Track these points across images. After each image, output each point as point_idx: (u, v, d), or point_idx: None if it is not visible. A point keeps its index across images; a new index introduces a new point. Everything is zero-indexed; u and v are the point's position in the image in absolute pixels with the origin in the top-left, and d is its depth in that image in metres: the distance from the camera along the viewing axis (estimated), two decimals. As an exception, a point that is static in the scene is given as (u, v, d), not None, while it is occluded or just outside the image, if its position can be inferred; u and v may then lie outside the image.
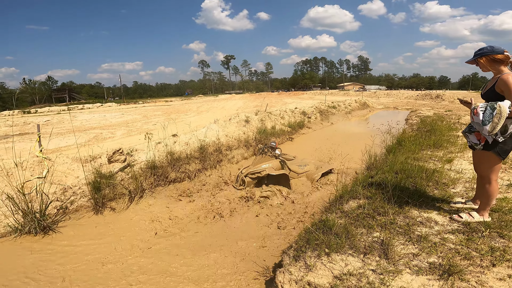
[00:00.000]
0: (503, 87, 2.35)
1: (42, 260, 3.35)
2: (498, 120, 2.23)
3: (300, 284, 2.18)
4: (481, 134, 2.45)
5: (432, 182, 3.81)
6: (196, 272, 3.00)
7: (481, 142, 2.50)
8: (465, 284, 1.99)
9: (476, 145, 2.54)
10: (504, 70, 2.44)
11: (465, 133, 2.65)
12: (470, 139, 2.60)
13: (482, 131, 2.36)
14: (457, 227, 2.69)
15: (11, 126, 20.33)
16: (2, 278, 3.01)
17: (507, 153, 2.50)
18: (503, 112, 2.23)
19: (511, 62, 2.44)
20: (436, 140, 6.79)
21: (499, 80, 2.40)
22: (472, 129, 2.58)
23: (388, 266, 2.20)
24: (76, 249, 3.60)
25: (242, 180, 5.54)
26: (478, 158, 2.65)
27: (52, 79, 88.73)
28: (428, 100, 29.72)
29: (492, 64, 2.48)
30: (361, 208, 3.10)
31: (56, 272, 3.10)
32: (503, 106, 2.23)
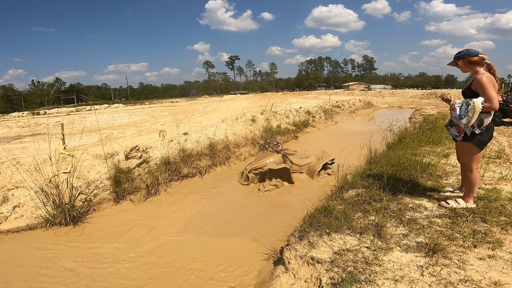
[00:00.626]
0: (477, 86, 2.72)
1: (82, 247, 3.77)
2: (472, 115, 2.61)
3: (304, 259, 2.54)
4: (459, 126, 2.80)
5: (426, 174, 4.14)
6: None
7: (461, 134, 2.85)
8: (448, 261, 2.28)
9: (457, 137, 2.90)
10: (480, 71, 2.79)
11: (447, 126, 3.00)
12: (451, 132, 2.95)
13: (460, 124, 2.72)
14: (444, 212, 3.02)
15: (22, 127, 21.04)
16: (57, 265, 3.42)
17: (484, 144, 2.84)
18: (476, 108, 2.59)
19: (486, 63, 2.79)
20: (436, 137, 7.07)
21: (474, 80, 2.76)
22: (452, 123, 2.93)
23: (381, 244, 2.55)
24: (106, 236, 4.01)
25: (246, 176, 5.91)
26: (460, 149, 3.00)
27: (60, 81, 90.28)
28: (433, 99, 29.74)
29: (468, 65, 2.83)
30: (359, 195, 3.46)
31: (100, 256, 3.52)
32: (477, 102, 2.60)
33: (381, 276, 2.11)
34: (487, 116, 2.72)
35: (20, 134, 16.43)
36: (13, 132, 18.14)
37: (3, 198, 4.69)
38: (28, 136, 15.24)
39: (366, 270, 2.19)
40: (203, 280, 2.96)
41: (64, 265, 3.32)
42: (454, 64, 2.96)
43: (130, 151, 6.15)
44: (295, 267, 2.52)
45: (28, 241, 3.94)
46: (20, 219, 4.41)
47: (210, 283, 2.91)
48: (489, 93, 2.62)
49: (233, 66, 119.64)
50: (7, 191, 4.81)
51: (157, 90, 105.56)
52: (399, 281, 2.06)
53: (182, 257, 3.38)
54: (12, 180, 5.05)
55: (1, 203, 4.61)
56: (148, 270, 3.17)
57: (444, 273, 2.12)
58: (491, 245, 2.45)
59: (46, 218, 4.30)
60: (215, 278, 2.98)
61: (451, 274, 2.12)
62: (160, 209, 4.87)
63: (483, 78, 2.68)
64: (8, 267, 3.35)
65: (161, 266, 3.23)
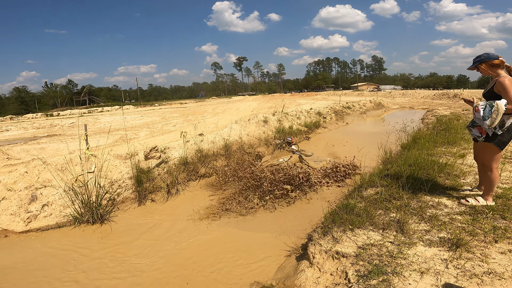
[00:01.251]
0: (500, 88, 2.79)
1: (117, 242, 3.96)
2: (496, 116, 2.69)
3: (329, 254, 2.65)
4: (482, 128, 2.88)
5: (443, 174, 4.19)
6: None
7: (483, 135, 2.93)
8: (471, 255, 2.37)
9: (479, 137, 2.98)
10: (501, 73, 2.88)
11: (469, 127, 3.09)
12: (473, 133, 3.03)
13: (483, 125, 2.80)
14: (464, 210, 3.09)
15: (38, 128, 21.69)
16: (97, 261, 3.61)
17: (505, 144, 2.92)
18: (500, 109, 2.67)
19: (506, 66, 2.87)
20: (451, 138, 7.07)
21: (496, 83, 2.83)
22: (474, 123, 3.01)
23: (404, 239, 2.64)
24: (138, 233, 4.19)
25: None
26: (480, 149, 3.07)
27: (72, 83, 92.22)
28: (445, 100, 29.34)
29: (490, 68, 2.92)
30: (378, 194, 3.55)
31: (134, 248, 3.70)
32: (500, 104, 2.68)
33: (407, 268, 2.21)
34: (509, 117, 2.80)
35: (36, 135, 16.97)
36: (28, 133, 18.75)
37: (31, 196, 4.92)
38: (44, 137, 15.74)
39: (391, 263, 2.29)
40: (225, 273, 3.10)
41: (98, 261, 3.50)
42: (474, 68, 3.06)
43: (149, 151, 6.35)
44: (320, 261, 2.63)
45: (60, 239, 4.13)
46: (49, 217, 4.62)
47: (233, 276, 3.04)
48: (511, 95, 2.70)
49: (241, 67, 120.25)
50: (35, 190, 5.05)
51: (166, 92, 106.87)
52: (425, 273, 2.15)
53: (205, 253, 3.53)
54: (40, 179, 5.29)
55: (30, 202, 4.83)
56: (176, 263, 3.32)
57: (468, 266, 2.20)
58: (511, 240, 2.51)
59: (75, 217, 4.49)
60: (238, 272, 3.11)
61: (474, 267, 2.20)
62: (181, 206, 5.04)
63: (505, 81, 2.76)
64: (46, 261, 3.55)
65: (187, 261, 3.38)
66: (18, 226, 4.30)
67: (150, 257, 3.49)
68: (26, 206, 4.65)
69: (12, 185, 5.06)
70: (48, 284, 3.08)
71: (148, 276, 3.14)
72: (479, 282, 2.04)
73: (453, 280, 2.06)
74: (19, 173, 5.30)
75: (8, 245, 3.96)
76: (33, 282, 3.12)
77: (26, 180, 5.16)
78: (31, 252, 3.72)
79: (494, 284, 2.01)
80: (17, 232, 4.20)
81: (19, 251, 3.77)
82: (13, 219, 4.41)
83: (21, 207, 4.62)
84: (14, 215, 4.47)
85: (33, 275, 3.25)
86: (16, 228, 4.26)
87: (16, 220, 4.39)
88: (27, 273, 3.28)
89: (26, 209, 4.58)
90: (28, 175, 5.29)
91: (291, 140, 6.49)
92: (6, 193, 4.96)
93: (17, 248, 3.86)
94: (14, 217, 4.44)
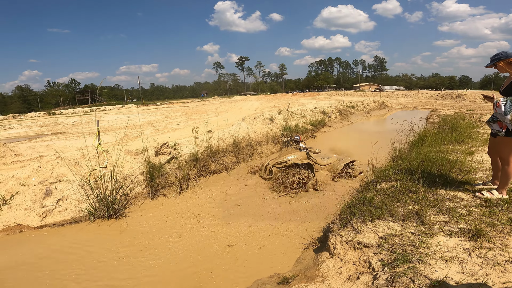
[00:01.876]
0: None
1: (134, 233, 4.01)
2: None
3: (350, 244, 2.69)
4: (502, 122, 2.94)
5: (455, 169, 4.23)
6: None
7: (503, 130, 2.98)
8: (491, 245, 2.41)
9: (499, 132, 3.04)
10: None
11: (489, 123, 3.14)
12: (493, 127, 3.10)
13: (504, 120, 2.87)
14: (479, 203, 3.13)
15: (42, 126, 21.78)
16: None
17: None
18: None
19: None
20: (458, 136, 7.10)
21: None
22: (495, 119, 3.07)
23: (424, 230, 2.68)
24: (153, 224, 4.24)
25: (269, 170, 6.07)
26: (500, 144, 3.12)
27: (75, 82, 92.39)
28: (449, 100, 29.34)
29: (508, 66, 3.00)
30: (393, 187, 3.59)
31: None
32: None
33: (431, 257, 2.25)
34: None
35: (41, 133, 17.04)
36: (33, 131, 18.81)
37: (46, 191, 4.96)
38: (49, 135, 15.81)
39: (415, 252, 2.33)
40: (245, 264, 3.15)
41: (123, 258, 3.55)
42: (492, 66, 3.13)
43: (160, 147, 6.40)
44: (341, 252, 2.68)
45: (78, 234, 4.17)
46: (64, 212, 4.65)
47: (253, 268, 3.09)
48: None
49: (243, 67, 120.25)
50: (49, 184, 5.09)
51: (167, 91, 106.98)
52: (449, 261, 2.19)
53: (223, 244, 3.58)
54: (54, 174, 5.33)
55: (45, 197, 4.87)
56: (197, 257, 3.38)
57: (490, 255, 2.25)
58: (528, 232, 2.56)
59: (90, 211, 4.52)
60: (258, 264, 3.16)
61: (496, 256, 2.24)
62: (195, 201, 5.09)
63: None
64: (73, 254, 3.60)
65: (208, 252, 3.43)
66: (34, 221, 4.33)
67: (170, 251, 3.53)
68: (41, 201, 4.69)
69: (25, 180, 5.11)
70: (74, 282, 3.11)
71: (169, 269, 3.19)
72: (503, 270, 2.08)
73: (478, 268, 2.11)
74: (33, 168, 5.35)
75: (29, 239, 4.00)
76: (58, 278, 3.14)
77: (40, 174, 5.21)
78: (48, 248, 3.72)
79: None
80: (33, 227, 4.22)
81: (36, 246, 3.80)
82: (28, 214, 4.45)
83: (35, 202, 4.66)
84: (29, 210, 4.51)
85: (51, 271, 3.28)
86: (31, 223, 4.29)
87: (31, 215, 4.42)
88: (46, 270, 3.32)
89: (41, 204, 4.63)
90: (42, 170, 5.34)
91: (299, 138, 6.53)
92: (19, 188, 4.99)
93: (34, 243, 3.90)
94: (29, 212, 4.48)
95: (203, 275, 3.04)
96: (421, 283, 2.03)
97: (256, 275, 3.00)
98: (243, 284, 2.87)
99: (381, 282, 2.14)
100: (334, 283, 2.41)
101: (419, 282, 2.04)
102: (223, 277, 3.01)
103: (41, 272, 3.17)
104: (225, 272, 3.07)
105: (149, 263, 3.30)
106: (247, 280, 2.92)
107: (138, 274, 3.10)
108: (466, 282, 2.00)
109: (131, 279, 3.02)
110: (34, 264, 3.33)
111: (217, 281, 2.94)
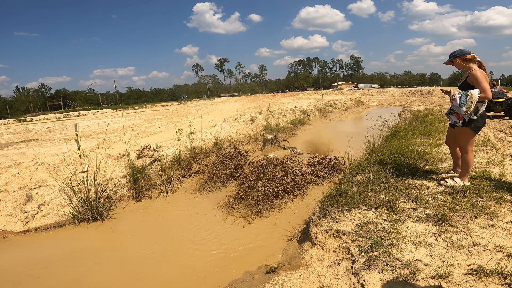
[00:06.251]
0: (473, 79, 3.20)
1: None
2: (471, 103, 3.09)
3: (330, 232, 2.91)
4: (459, 114, 3.27)
5: (422, 160, 4.60)
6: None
7: (460, 121, 3.32)
8: (455, 229, 2.66)
9: (457, 123, 3.37)
10: (473, 67, 3.30)
11: (448, 115, 3.48)
12: (451, 119, 3.43)
13: (460, 112, 3.20)
14: (444, 190, 3.45)
15: (13, 133, 20.71)
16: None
17: (479, 129, 3.34)
18: (474, 97, 3.08)
19: (477, 61, 3.28)
20: (427, 130, 7.61)
21: (470, 75, 3.24)
22: (452, 111, 3.41)
23: (395, 217, 2.94)
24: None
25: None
26: (458, 134, 3.46)
27: (45, 87, 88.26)
28: (420, 97, 30.86)
29: (464, 62, 3.33)
30: (367, 179, 3.88)
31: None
32: (474, 93, 3.08)
33: (402, 241, 2.49)
34: (482, 104, 3.21)
35: (12, 141, 16.25)
36: (4, 138, 17.89)
37: (26, 197, 4.87)
38: (21, 143, 15.12)
39: (388, 237, 2.57)
40: (232, 258, 3.29)
41: (116, 258, 3.58)
42: (450, 63, 3.45)
43: (142, 150, 6.40)
44: (323, 240, 2.88)
45: (67, 237, 4.14)
46: (47, 216, 4.61)
47: (241, 262, 3.24)
48: (483, 85, 3.11)
49: (223, 69, 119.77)
50: (29, 190, 5.00)
51: (146, 95, 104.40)
52: (418, 245, 2.44)
53: (210, 240, 3.71)
54: (33, 179, 5.23)
55: (26, 202, 4.79)
56: (188, 252, 3.48)
57: (454, 239, 2.51)
58: (489, 216, 2.83)
59: (74, 215, 4.52)
60: (246, 257, 3.32)
61: (460, 239, 2.50)
62: (180, 201, 5.16)
63: (477, 73, 3.17)
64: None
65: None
66: (16, 226, 4.27)
67: (161, 249, 3.61)
68: (22, 207, 4.61)
69: (4, 186, 4.98)
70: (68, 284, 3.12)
71: (163, 267, 3.28)
72: (467, 253, 2.31)
73: (444, 251, 2.35)
74: (10, 174, 5.22)
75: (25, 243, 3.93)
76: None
77: (19, 181, 5.10)
78: (38, 252, 3.71)
79: (481, 254, 2.28)
80: (16, 232, 4.18)
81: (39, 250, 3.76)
82: (9, 219, 4.38)
83: (16, 208, 4.58)
84: (10, 216, 4.43)
85: (48, 274, 3.28)
86: (14, 228, 4.24)
87: (13, 221, 4.36)
88: (42, 273, 3.31)
89: (22, 209, 4.55)
90: (20, 176, 5.23)
91: (276, 137, 6.76)
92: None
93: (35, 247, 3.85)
94: (11, 217, 4.41)
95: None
96: (394, 265, 2.25)
97: (246, 265, 3.16)
98: (234, 275, 3.02)
99: (359, 266, 2.35)
100: (317, 269, 2.60)
101: (392, 265, 2.25)
102: (216, 268, 3.13)
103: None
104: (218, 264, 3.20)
105: (136, 264, 3.37)
106: (237, 272, 3.07)
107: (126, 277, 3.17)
108: (434, 264, 2.21)
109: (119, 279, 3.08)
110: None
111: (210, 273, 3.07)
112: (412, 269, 2.15)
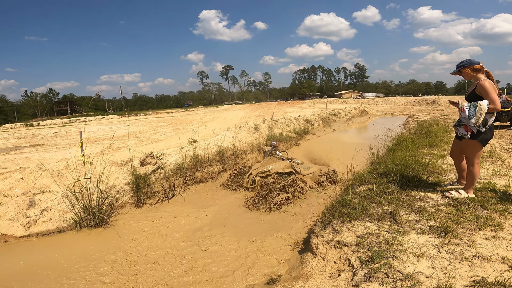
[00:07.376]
0: (481, 90, 3.17)
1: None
2: (480, 115, 3.06)
3: (331, 244, 2.87)
4: (467, 126, 3.23)
5: (427, 171, 4.55)
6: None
7: (468, 133, 3.27)
8: (459, 241, 2.62)
9: (465, 135, 3.32)
10: (481, 77, 3.25)
11: (455, 126, 3.43)
12: (459, 131, 3.38)
13: (469, 124, 3.16)
14: (448, 202, 3.40)
15: (19, 138, 21.04)
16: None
17: (487, 141, 3.30)
18: (483, 109, 3.05)
19: (485, 71, 3.25)
20: (432, 141, 7.55)
21: (478, 85, 3.20)
22: (460, 123, 3.36)
23: (398, 228, 2.90)
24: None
25: (252, 179, 6.20)
26: (465, 146, 3.41)
27: (53, 92, 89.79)
28: (425, 106, 30.72)
29: (472, 72, 3.27)
30: (370, 190, 3.84)
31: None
32: (483, 104, 3.06)
33: (404, 253, 2.46)
34: (491, 116, 3.17)
35: (18, 145, 16.48)
36: (10, 143, 18.16)
37: (29, 202, 4.91)
38: (27, 147, 15.33)
39: (389, 249, 2.54)
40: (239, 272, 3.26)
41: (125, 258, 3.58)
42: (458, 73, 3.40)
43: (145, 157, 6.43)
44: (323, 251, 2.85)
45: (69, 243, 4.15)
46: (49, 222, 4.63)
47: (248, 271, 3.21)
48: (492, 96, 3.08)
49: (228, 76, 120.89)
50: (32, 195, 5.04)
51: (151, 101, 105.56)
52: (420, 257, 2.40)
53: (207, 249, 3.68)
54: (36, 185, 5.27)
55: (28, 207, 4.83)
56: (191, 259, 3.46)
57: (458, 251, 2.47)
58: (493, 228, 2.79)
59: (75, 221, 4.53)
60: (252, 266, 3.28)
61: (464, 251, 2.46)
62: (181, 210, 5.16)
63: (486, 84, 3.13)
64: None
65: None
66: (18, 231, 4.30)
67: (164, 257, 3.59)
68: (25, 212, 4.64)
69: (8, 191, 5.03)
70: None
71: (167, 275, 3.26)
72: (470, 265, 2.28)
73: (447, 263, 2.32)
74: (15, 180, 5.28)
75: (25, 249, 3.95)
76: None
77: (22, 186, 5.15)
78: (37, 258, 3.72)
79: (484, 266, 2.24)
80: (17, 237, 4.20)
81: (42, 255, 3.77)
82: (11, 224, 4.40)
83: (19, 213, 4.61)
84: (12, 220, 4.46)
85: (50, 279, 3.28)
86: (15, 233, 4.26)
87: (15, 225, 4.38)
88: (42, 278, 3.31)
89: (25, 214, 4.58)
90: (24, 181, 5.28)
91: (276, 144, 6.76)
92: (2, 199, 4.93)
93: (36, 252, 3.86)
94: (13, 222, 4.44)
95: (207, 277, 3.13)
96: (395, 277, 2.21)
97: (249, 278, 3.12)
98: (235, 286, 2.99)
99: (360, 277, 2.31)
100: (317, 281, 2.56)
101: (393, 277, 2.22)
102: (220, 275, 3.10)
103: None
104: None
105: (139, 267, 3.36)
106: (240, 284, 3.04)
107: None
108: (435, 276, 2.19)
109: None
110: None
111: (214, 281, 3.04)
112: (413, 282, 2.11)
